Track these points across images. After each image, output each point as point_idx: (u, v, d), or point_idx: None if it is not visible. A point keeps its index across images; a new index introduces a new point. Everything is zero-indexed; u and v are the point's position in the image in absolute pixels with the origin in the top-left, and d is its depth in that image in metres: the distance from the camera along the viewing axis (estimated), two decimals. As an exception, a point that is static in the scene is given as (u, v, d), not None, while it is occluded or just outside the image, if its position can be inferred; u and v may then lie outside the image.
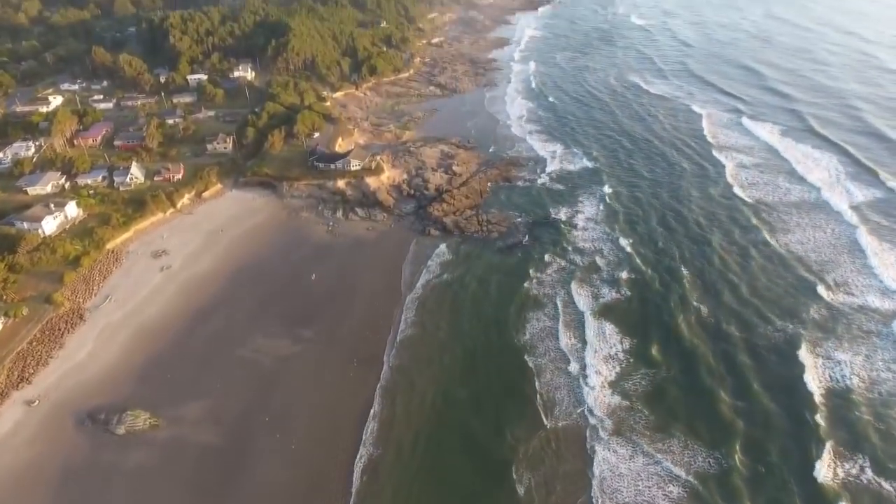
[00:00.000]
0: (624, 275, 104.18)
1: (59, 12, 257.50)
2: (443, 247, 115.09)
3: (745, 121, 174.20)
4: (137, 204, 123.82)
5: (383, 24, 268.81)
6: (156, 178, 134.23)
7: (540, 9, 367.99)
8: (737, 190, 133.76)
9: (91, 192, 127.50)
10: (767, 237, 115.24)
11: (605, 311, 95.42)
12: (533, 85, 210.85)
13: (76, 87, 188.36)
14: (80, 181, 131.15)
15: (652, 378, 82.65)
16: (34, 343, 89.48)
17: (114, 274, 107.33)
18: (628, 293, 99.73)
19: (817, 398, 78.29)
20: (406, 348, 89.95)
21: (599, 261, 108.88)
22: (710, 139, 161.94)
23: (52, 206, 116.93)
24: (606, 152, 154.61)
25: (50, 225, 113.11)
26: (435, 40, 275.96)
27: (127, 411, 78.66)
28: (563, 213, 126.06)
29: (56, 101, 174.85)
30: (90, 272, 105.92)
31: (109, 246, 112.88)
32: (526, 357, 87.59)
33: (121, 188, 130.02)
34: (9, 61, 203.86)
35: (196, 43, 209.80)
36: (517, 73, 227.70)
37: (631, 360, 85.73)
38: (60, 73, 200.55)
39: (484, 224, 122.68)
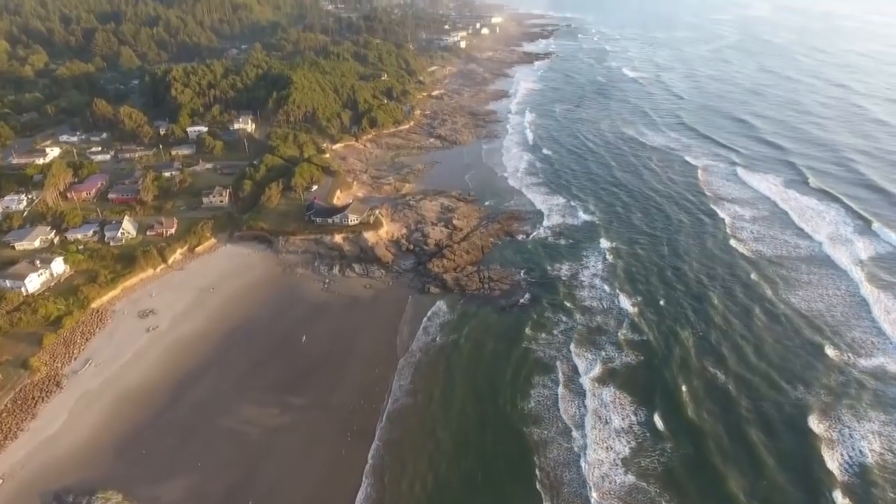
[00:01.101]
0: (627, 337, 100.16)
1: (65, 65, 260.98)
2: (443, 305, 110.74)
3: (741, 172, 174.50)
4: (127, 260, 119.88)
5: (384, 77, 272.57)
6: (148, 233, 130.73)
7: (536, 62, 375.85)
8: (736, 244, 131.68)
9: (80, 247, 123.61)
10: (770, 294, 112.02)
11: (609, 379, 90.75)
12: (532, 137, 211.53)
13: (75, 138, 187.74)
14: (70, 236, 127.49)
15: (659, 455, 77.39)
16: (4, 414, 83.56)
17: (97, 336, 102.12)
18: (632, 358, 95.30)
19: (834, 475, 73.30)
20: (400, 420, 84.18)
21: (602, 322, 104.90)
22: (706, 192, 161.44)
23: (37, 262, 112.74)
24: (605, 205, 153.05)
25: (34, 283, 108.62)
26: (435, 93, 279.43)
27: (97, 493, 72.12)
28: (564, 270, 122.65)
29: (53, 152, 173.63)
30: (72, 334, 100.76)
31: (95, 305, 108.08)
32: (526, 429, 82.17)
33: (111, 243, 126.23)
34: (11, 113, 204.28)
35: (198, 95, 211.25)
36: (516, 125, 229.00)
37: (637, 435, 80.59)
38: (61, 125, 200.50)
39: (485, 281, 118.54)
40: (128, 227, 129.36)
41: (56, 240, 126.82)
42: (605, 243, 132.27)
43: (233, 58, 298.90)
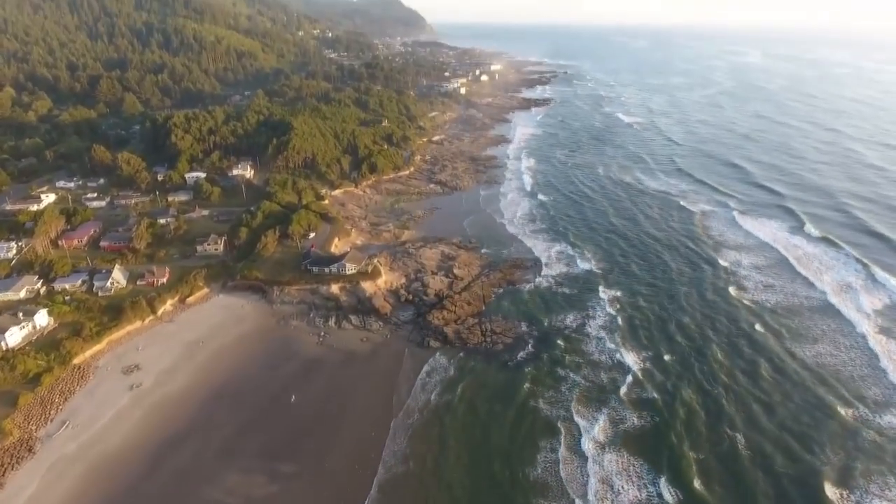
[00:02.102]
0: (632, 396, 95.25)
1: (68, 111, 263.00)
2: (442, 360, 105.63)
3: (739, 218, 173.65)
4: (115, 311, 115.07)
5: (385, 123, 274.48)
6: (139, 282, 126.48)
7: (534, 108, 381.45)
8: (739, 294, 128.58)
9: (67, 297, 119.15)
10: (777, 348, 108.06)
11: (615, 443, 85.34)
12: (531, 183, 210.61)
13: (72, 184, 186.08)
14: (58, 286, 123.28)
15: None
16: (-32, 485, 77.03)
17: (77, 394, 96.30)
18: (638, 419, 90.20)
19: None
20: (394, 492, 77.59)
21: (606, 379, 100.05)
22: (705, 238, 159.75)
23: (20, 314, 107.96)
24: (604, 253, 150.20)
25: (14, 337, 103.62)
26: (436, 138, 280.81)
27: (62, 579, 65.12)
28: (567, 322, 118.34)
29: (48, 198, 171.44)
30: (50, 392, 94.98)
31: (77, 360, 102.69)
32: (532, 501, 75.81)
33: (100, 293, 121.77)
34: (9, 158, 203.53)
35: (197, 141, 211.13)
36: (516, 170, 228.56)
37: (645, 506, 74.25)
38: (59, 171, 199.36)
39: (487, 334, 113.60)
40: (118, 277, 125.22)
41: (43, 290, 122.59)
42: (606, 293, 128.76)
43: (235, 104, 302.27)
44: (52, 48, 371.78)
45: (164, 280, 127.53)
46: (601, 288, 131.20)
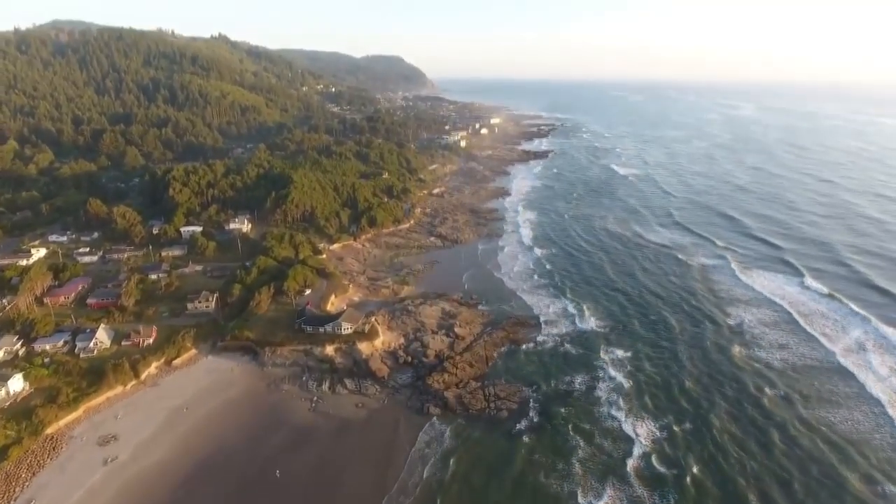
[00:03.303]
0: (640, 471, 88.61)
1: (68, 164, 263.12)
2: (443, 429, 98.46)
3: (739, 272, 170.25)
4: (96, 374, 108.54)
5: (385, 176, 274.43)
6: (124, 343, 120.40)
7: (533, 161, 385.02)
8: (745, 354, 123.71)
9: (46, 359, 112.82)
10: (790, 416, 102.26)
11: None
12: (531, 236, 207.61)
13: (65, 238, 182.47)
14: (38, 346, 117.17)
15: None
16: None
17: (46, 468, 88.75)
18: (647, 496, 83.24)
19: None
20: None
21: (613, 451, 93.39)
22: (706, 294, 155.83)
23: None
24: (606, 311, 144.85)
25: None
26: (436, 190, 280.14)
27: None
28: (573, 386, 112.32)
29: (39, 253, 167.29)
30: (17, 467, 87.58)
31: (50, 430, 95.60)
32: None
33: (81, 355, 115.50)
34: (4, 211, 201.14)
35: (196, 195, 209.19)
36: (516, 223, 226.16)
37: None
38: (53, 224, 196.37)
39: (490, 399, 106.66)
40: (102, 337, 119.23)
41: (22, 351, 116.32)
42: (610, 355, 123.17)
43: (237, 157, 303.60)
44: (59, 103, 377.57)
45: (151, 340, 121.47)
46: (605, 348, 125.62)
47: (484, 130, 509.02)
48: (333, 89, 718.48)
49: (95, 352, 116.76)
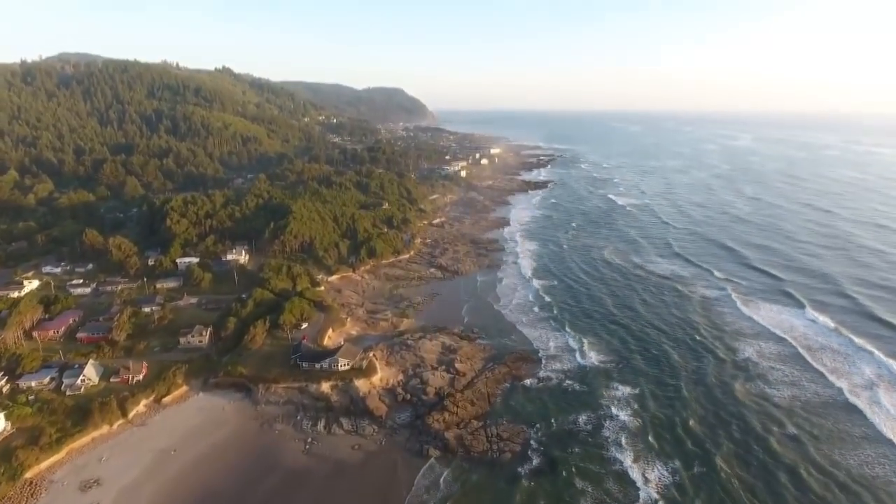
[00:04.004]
0: None
1: (67, 195, 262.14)
2: (443, 473, 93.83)
3: (741, 305, 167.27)
4: (82, 413, 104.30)
5: (385, 206, 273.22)
6: (112, 379, 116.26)
7: (533, 191, 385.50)
8: (751, 390, 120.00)
9: (31, 397, 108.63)
10: (797, 456, 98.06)
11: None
12: (532, 267, 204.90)
13: (59, 269, 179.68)
14: (24, 383, 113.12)
15: None
16: None
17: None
18: None
19: None
20: None
21: (624, 497, 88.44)
22: (708, 328, 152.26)
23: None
24: (607, 346, 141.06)
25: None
26: (436, 221, 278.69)
27: None
28: (578, 425, 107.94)
29: (31, 285, 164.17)
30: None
31: (29, 474, 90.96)
32: None
33: (68, 392, 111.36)
34: (0, 242, 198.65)
35: (193, 225, 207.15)
36: (517, 254, 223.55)
37: None
38: (48, 255, 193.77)
39: (493, 440, 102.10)
40: (90, 373, 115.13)
41: (6, 388, 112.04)
42: (613, 392, 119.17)
43: (237, 187, 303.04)
44: (61, 133, 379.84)
45: (141, 377, 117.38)
46: (608, 386, 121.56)
47: (484, 161, 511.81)
48: (335, 120, 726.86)
49: (82, 389, 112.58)
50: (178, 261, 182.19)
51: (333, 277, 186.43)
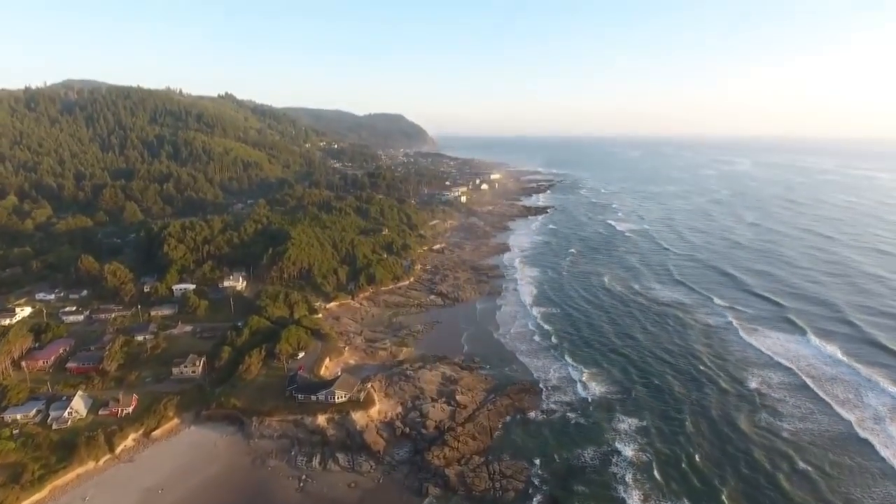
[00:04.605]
0: None
1: (65, 220, 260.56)
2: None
3: (743, 333, 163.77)
4: (67, 448, 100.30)
5: (385, 232, 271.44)
6: (101, 412, 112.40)
7: (533, 216, 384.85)
8: (757, 422, 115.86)
9: (15, 431, 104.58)
10: (808, 495, 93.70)
11: None
12: (532, 294, 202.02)
13: (52, 296, 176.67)
14: (9, 416, 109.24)
15: None
16: None
17: (-1, 562, 79.37)
18: None
19: None
20: None
21: None
22: (712, 357, 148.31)
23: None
24: (609, 376, 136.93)
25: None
26: (437, 246, 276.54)
27: None
28: (584, 461, 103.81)
29: (23, 312, 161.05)
30: (-35, 561, 78.18)
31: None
32: None
33: (54, 425, 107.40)
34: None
35: (191, 251, 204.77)
36: (518, 280, 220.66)
37: None
38: (43, 281, 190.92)
39: (496, 477, 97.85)
40: (78, 406, 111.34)
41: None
42: (618, 426, 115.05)
43: (236, 213, 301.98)
44: (62, 158, 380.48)
45: (131, 409, 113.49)
46: (612, 419, 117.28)
47: (484, 186, 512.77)
48: (336, 146, 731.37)
49: (69, 422, 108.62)
50: (174, 287, 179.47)
51: (332, 304, 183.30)
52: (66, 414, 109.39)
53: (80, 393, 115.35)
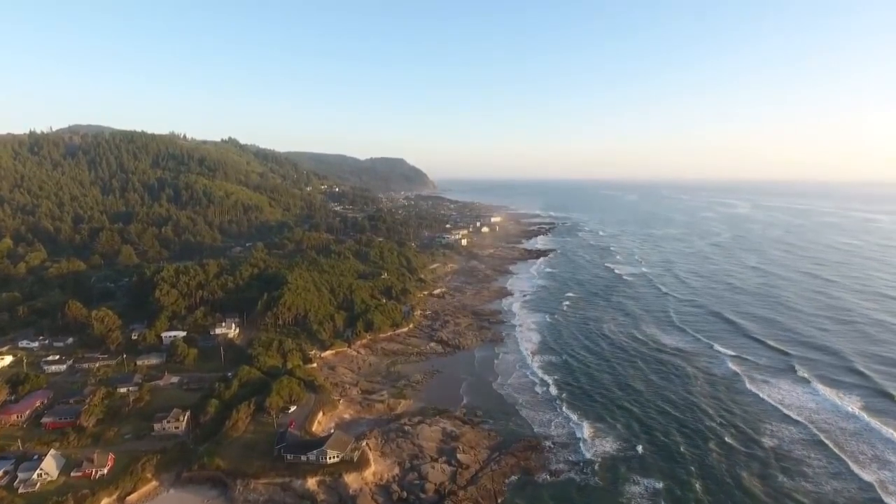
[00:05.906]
0: None
1: (58, 264, 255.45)
2: None
3: (750, 384, 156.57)
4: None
5: (384, 276, 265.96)
6: (73, 473, 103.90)
7: (533, 260, 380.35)
8: (773, 483, 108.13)
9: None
10: None
11: None
12: (534, 341, 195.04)
13: (36, 344, 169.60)
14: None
15: None
16: None
17: None
18: None
19: None
20: None
21: None
22: (720, 411, 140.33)
23: None
24: (618, 433, 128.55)
25: None
26: (437, 291, 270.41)
27: None
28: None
29: (3, 361, 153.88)
30: None
31: None
32: None
33: (20, 489, 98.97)
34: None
35: (184, 296, 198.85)
36: (521, 326, 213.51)
37: None
38: (28, 328, 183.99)
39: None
40: (48, 467, 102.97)
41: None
42: (629, 488, 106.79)
43: (233, 256, 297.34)
44: (62, 201, 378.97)
45: (106, 470, 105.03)
46: (622, 480, 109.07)
47: (485, 229, 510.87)
48: (337, 189, 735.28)
49: (38, 485, 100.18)
50: (163, 335, 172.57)
51: (327, 353, 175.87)
52: (34, 475, 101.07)
53: (52, 452, 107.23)
